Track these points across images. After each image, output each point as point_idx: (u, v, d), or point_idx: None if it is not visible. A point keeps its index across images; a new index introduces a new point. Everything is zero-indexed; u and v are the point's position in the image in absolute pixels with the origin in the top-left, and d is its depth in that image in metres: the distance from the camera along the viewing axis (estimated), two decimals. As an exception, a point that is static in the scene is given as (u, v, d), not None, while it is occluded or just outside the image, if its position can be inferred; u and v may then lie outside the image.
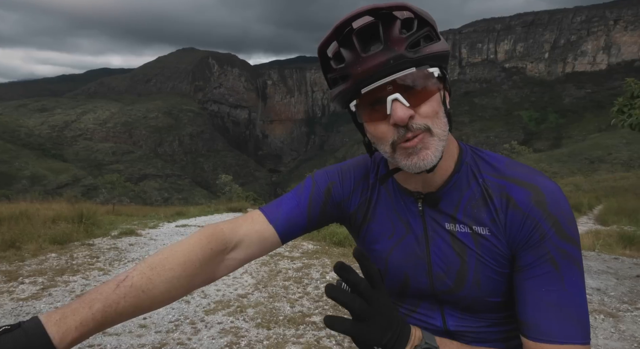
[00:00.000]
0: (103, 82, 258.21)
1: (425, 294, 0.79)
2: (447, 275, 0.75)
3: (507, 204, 0.71)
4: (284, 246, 6.65)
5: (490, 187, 0.74)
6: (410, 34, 0.64)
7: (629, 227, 9.05)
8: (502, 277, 0.73)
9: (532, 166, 0.75)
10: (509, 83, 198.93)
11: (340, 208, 0.87)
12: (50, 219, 7.13)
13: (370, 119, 0.69)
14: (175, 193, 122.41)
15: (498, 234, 0.72)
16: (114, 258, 5.62)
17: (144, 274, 0.65)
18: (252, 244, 0.79)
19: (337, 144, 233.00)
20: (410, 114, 0.64)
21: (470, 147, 0.81)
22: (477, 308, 0.75)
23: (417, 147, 0.66)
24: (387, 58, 0.62)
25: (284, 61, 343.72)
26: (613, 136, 79.88)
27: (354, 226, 0.88)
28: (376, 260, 0.84)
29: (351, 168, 0.89)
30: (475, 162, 0.78)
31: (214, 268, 0.75)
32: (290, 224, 0.81)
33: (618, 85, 24.04)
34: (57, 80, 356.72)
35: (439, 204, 0.77)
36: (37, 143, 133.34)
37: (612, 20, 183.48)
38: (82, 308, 0.59)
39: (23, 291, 4.13)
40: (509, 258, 0.72)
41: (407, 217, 0.80)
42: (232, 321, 3.62)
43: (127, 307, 0.62)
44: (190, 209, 14.05)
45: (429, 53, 0.65)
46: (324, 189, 0.86)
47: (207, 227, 0.78)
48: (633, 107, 6.09)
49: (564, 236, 0.67)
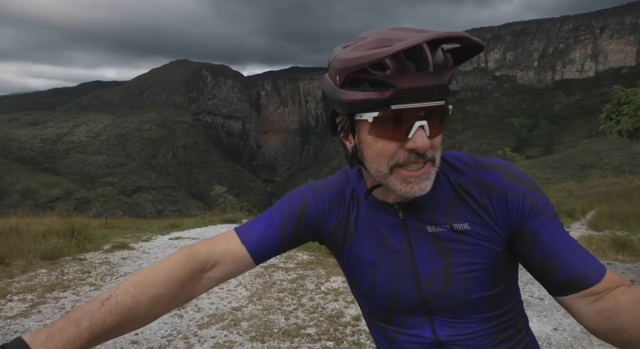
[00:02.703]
0: (96, 95, 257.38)
1: (414, 305, 0.79)
2: (434, 278, 0.76)
3: (486, 191, 0.73)
4: (279, 257, 6.61)
5: (464, 182, 0.76)
6: (452, 67, 0.64)
7: (622, 232, 9.11)
8: (486, 268, 0.74)
9: (525, 172, 0.78)
10: (500, 91, 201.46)
11: (316, 227, 0.86)
12: (40, 234, 7.01)
13: (382, 135, 0.66)
14: (169, 205, 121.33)
15: (482, 224, 0.73)
16: (105, 273, 5.53)
17: (128, 292, 0.66)
18: (227, 264, 0.79)
19: (331, 153, 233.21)
20: (429, 144, 0.65)
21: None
22: (466, 308, 0.76)
23: (422, 177, 0.67)
24: (435, 84, 0.62)
25: (277, 72, 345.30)
26: (603, 142, 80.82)
27: (335, 245, 0.87)
28: (363, 277, 0.83)
29: (327, 186, 0.88)
30: (444, 163, 0.79)
31: (193, 286, 0.76)
32: (263, 245, 0.81)
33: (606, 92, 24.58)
34: (50, 93, 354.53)
35: (421, 212, 0.77)
36: (29, 157, 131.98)
37: (598, 29, 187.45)
38: (68, 326, 0.58)
39: (11, 308, 4.04)
40: (499, 242, 0.73)
41: (388, 229, 0.80)
42: (225, 335, 3.56)
43: (112, 325, 0.62)
44: (184, 221, 13.92)
45: (455, 90, 0.66)
46: (297, 209, 0.85)
47: (184, 248, 0.79)
48: (621, 114, 6.19)
49: (542, 194, 0.73)
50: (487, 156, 0.86)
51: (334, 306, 4.31)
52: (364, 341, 3.44)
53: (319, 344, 3.39)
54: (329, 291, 4.80)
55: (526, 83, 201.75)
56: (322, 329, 3.70)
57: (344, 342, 3.44)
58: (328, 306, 4.31)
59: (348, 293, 4.71)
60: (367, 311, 0.90)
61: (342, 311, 4.15)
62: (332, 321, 3.88)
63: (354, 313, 4.10)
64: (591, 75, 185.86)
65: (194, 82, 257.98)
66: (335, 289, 4.86)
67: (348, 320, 3.92)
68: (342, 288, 4.91)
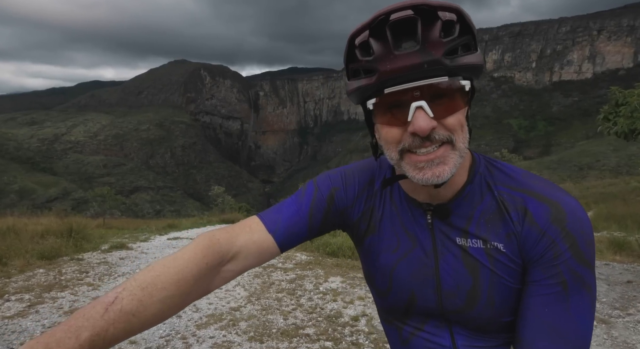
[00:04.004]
0: (94, 95, 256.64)
1: (433, 313, 0.75)
2: (457, 294, 0.71)
3: (524, 218, 0.67)
4: (277, 257, 6.59)
5: (507, 200, 0.69)
6: (451, 39, 0.59)
7: (619, 233, 9.16)
8: (516, 293, 0.69)
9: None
10: (498, 92, 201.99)
11: (343, 216, 0.82)
12: (38, 234, 7.00)
13: (385, 121, 0.65)
14: (167, 205, 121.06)
15: (513, 248, 0.68)
16: (103, 273, 5.52)
17: (135, 296, 0.61)
18: (250, 255, 0.75)
19: (330, 154, 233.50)
20: (433, 125, 0.60)
21: (484, 157, 0.77)
22: (489, 328, 0.72)
23: (434, 162, 0.62)
24: (422, 61, 0.57)
25: (276, 72, 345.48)
26: (601, 143, 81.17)
27: (357, 236, 0.84)
28: (379, 275, 0.79)
29: (355, 173, 0.84)
30: (490, 172, 0.73)
31: (208, 281, 0.71)
32: (290, 233, 0.77)
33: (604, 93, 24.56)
34: (47, 93, 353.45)
35: (450, 217, 0.72)
36: (26, 157, 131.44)
37: (595, 30, 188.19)
38: (67, 338, 0.54)
39: (9, 308, 4.02)
40: (522, 272, 0.69)
41: (415, 230, 0.75)
42: (224, 335, 3.56)
43: (116, 333, 0.58)
44: (182, 221, 13.90)
45: (465, 64, 0.60)
46: (327, 196, 0.80)
47: (202, 237, 0.73)
48: (618, 115, 6.22)
49: (580, 258, 0.63)
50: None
51: (333, 307, 4.31)
52: (362, 341, 3.45)
53: (317, 344, 3.39)
54: (327, 292, 4.80)
55: (524, 84, 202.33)
56: (320, 329, 3.71)
57: (342, 342, 3.44)
58: (326, 307, 4.32)
59: (347, 294, 4.71)
60: (381, 307, 0.86)
61: (340, 312, 4.15)
62: (331, 322, 3.89)
63: (352, 313, 4.11)
64: (589, 77, 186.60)
65: (192, 83, 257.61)
66: (334, 290, 4.87)
67: (346, 320, 3.93)
68: (341, 289, 4.91)
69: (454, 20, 0.59)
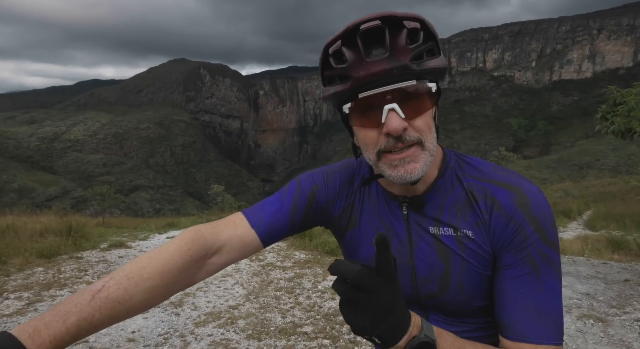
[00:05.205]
0: (93, 94, 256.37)
1: (409, 300, 0.79)
2: (431, 280, 0.75)
3: (492, 207, 0.71)
4: (276, 256, 6.63)
5: (475, 190, 0.74)
6: (417, 45, 0.64)
7: (617, 232, 9.18)
8: (486, 279, 0.73)
9: (522, 173, 0.76)
10: (498, 91, 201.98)
11: (325, 212, 0.86)
12: (37, 233, 7.00)
13: (361, 124, 0.69)
14: (166, 204, 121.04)
15: (482, 236, 0.72)
16: (102, 271, 5.53)
17: (121, 285, 0.64)
18: (234, 249, 0.78)
19: (329, 153, 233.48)
20: (404, 126, 0.64)
21: (455, 152, 0.82)
22: (462, 312, 0.76)
23: (406, 160, 0.66)
24: (392, 67, 0.62)
25: (275, 71, 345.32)
26: (600, 142, 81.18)
27: (338, 231, 0.88)
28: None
29: (337, 171, 0.88)
30: (460, 166, 0.78)
31: (193, 273, 0.74)
32: (272, 229, 0.80)
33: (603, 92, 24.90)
34: (47, 92, 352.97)
35: (424, 208, 0.76)
36: (26, 155, 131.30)
37: (595, 29, 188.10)
38: (55, 321, 0.57)
39: (7, 306, 4.04)
40: (492, 259, 0.72)
41: (391, 221, 0.80)
42: (222, 333, 3.57)
43: (102, 319, 0.61)
44: (181, 220, 13.91)
45: (431, 67, 0.65)
46: (309, 193, 0.85)
47: (188, 231, 0.76)
48: (615, 115, 6.23)
49: (546, 239, 0.68)
50: (486, 157, 0.87)
51: (331, 305, 4.33)
52: (360, 339, 3.46)
53: (315, 342, 3.41)
54: (325, 290, 4.81)
55: (524, 83, 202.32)
56: (318, 327, 3.72)
57: (340, 340, 3.46)
58: (325, 305, 4.33)
59: (345, 292, 4.72)
60: None
61: (338, 310, 4.16)
62: (329, 320, 3.90)
63: (350, 311, 4.11)
64: (588, 76, 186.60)
65: (192, 81, 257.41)
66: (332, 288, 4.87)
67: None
68: (339, 287, 4.92)
69: (418, 28, 0.64)
